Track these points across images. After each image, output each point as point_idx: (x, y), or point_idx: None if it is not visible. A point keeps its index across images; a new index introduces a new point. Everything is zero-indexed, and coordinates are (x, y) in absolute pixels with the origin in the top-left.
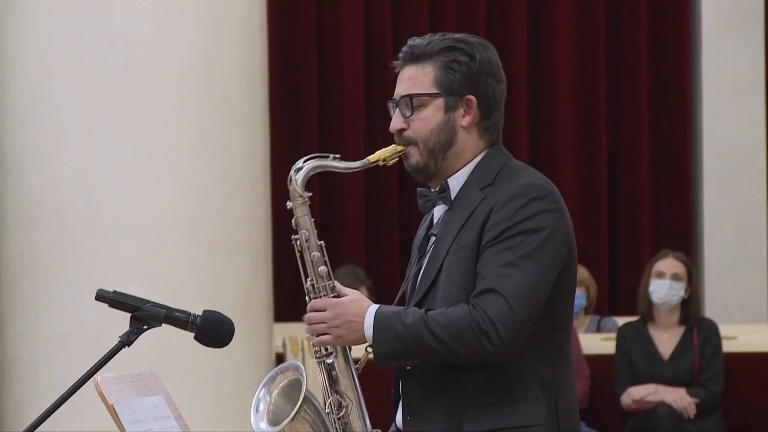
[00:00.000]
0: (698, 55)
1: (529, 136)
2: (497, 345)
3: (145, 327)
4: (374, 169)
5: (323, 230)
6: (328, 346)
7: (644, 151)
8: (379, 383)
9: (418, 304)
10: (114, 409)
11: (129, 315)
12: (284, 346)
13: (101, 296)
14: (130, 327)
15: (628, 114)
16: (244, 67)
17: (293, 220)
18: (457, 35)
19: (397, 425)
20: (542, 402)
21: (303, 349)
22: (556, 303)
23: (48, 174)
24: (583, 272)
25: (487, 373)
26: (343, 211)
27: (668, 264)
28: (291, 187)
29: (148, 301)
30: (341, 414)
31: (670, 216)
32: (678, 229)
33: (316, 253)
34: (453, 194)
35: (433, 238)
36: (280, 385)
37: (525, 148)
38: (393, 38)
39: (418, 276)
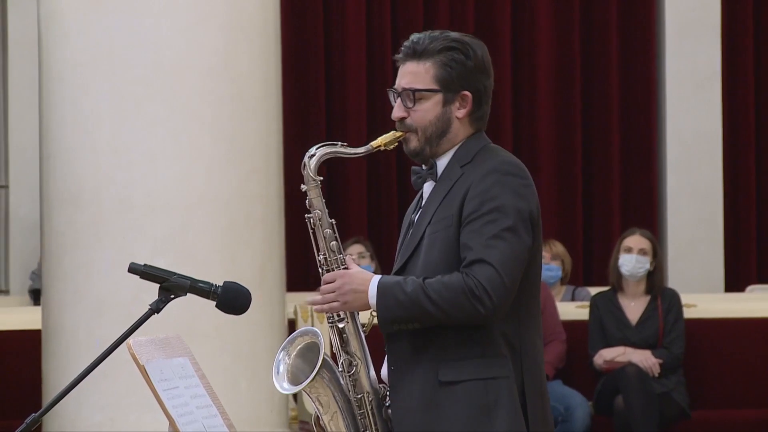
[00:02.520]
0: (662, 54)
1: (513, 127)
2: (489, 308)
3: (172, 296)
4: (376, 157)
5: (330, 210)
6: (340, 313)
7: (614, 139)
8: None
9: (402, 267)
10: (144, 369)
11: (158, 285)
12: (295, 313)
13: (133, 269)
14: (158, 296)
15: (600, 106)
16: (259, 65)
17: (307, 201)
18: (454, 35)
19: (382, 376)
20: (508, 357)
21: (312, 316)
22: (525, 269)
23: (86, 160)
24: (559, 247)
25: (461, 332)
26: (349, 194)
27: (635, 240)
28: (305, 172)
29: (175, 273)
30: (352, 372)
31: (637, 197)
32: (644, 208)
33: (328, 230)
34: (439, 171)
35: (420, 211)
36: (298, 347)
37: (509, 137)
38: (392, 38)
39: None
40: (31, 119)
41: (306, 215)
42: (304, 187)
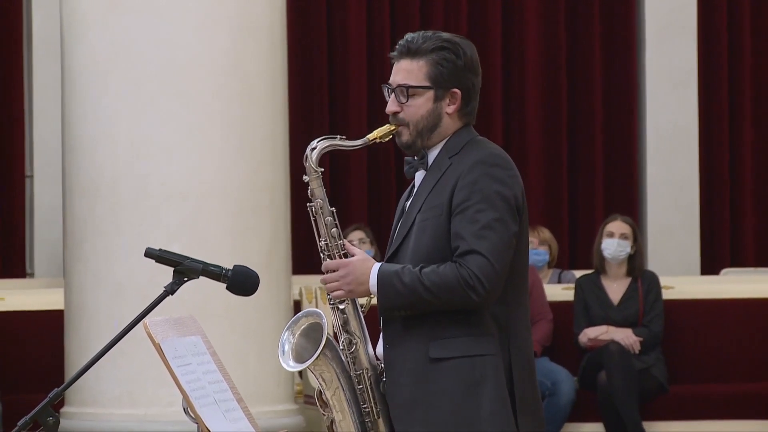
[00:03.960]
0: (642, 54)
1: (503, 120)
2: (482, 295)
3: (186, 279)
4: (375, 148)
5: (332, 202)
6: None
7: (598, 133)
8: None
9: (395, 252)
10: (160, 347)
11: (172, 269)
12: (300, 294)
13: (149, 253)
14: (173, 279)
15: (585, 101)
16: (266, 64)
17: (309, 191)
18: (445, 35)
19: (377, 353)
20: (495, 336)
21: (316, 297)
22: (513, 255)
23: (105, 152)
24: (546, 233)
25: (451, 312)
26: (350, 182)
27: (617, 226)
28: (307, 164)
29: (188, 258)
30: (352, 350)
31: (619, 186)
32: (625, 197)
33: (329, 218)
34: (430, 161)
35: (411, 199)
36: (302, 327)
37: (499, 130)
38: (390, 39)
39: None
40: (54, 114)
41: (308, 204)
42: (306, 178)
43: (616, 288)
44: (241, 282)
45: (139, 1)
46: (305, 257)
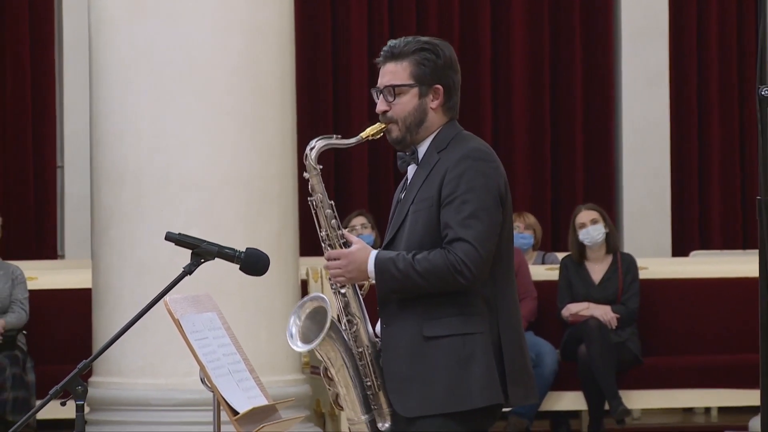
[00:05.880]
0: (618, 55)
1: (492, 116)
2: (469, 279)
3: (202, 260)
4: (375, 143)
5: (337, 191)
6: None
7: (578, 127)
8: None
9: (391, 241)
10: (179, 323)
11: (190, 251)
12: (307, 274)
13: (169, 237)
14: (191, 260)
15: (566, 98)
16: (276, 64)
17: (309, 186)
18: (425, 38)
19: (376, 331)
20: (485, 315)
21: (321, 277)
22: (498, 240)
23: (129, 144)
24: (531, 218)
25: (444, 294)
26: (352, 173)
27: (585, 215)
28: (307, 163)
29: (204, 241)
30: (353, 329)
31: (597, 176)
32: (603, 186)
33: (329, 210)
34: (420, 156)
35: (405, 191)
36: (308, 311)
37: (488, 126)
38: (389, 39)
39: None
40: (83, 110)
41: (308, 198)
42: (306, 175)
43: (597, 269)
44: (253, 263)
45: (160, 7)
46: (311, 241)
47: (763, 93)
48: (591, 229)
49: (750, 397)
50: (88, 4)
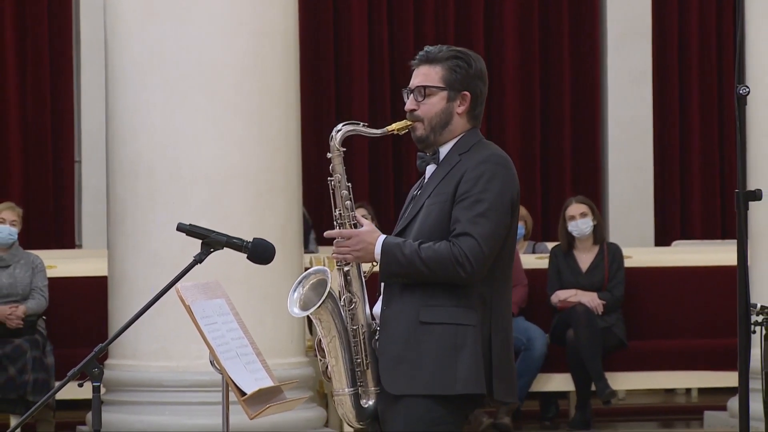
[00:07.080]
0: (604, 54)
1: (485, 115)
2: (469, 272)
3: (212, 250)
4: (375, 141)
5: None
6: None
7: (566, 123)
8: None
9: (402, 230)
10: (190, 308)
11: (200, 241)
12: (310, 263)
13: (180, 228)
14: (201, 250)
15: (555, 95)
16: (281, 64)
17: (330, 167)
18: (459, 48)
19: (373, 313)
20: (479, 311)
21: (324, 265)
22: (503, 243)
23: (142, 140)
24: (522, 210)
25: (444, 285)
26: (352, 169)
27: (574, 208)
28: (332, 143)
29: (214, 231)
30: (351, 307)
31: (584, 169)
32: (590, 178)
33: (345, 192)
34: (441, 156)
35: (421, 188)
36: (311, 282)
37: (482, 124)
38: (388, 41)
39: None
40: (99, 107)
41: (328, 178)
42: (329, 155)
43: (585, 258)
44: (260, 252)
45: (172, 10)
46: (314, 231)
47: (740, 92)
48: (580, 222)
49: (728, 379)
50: (104, 6)
